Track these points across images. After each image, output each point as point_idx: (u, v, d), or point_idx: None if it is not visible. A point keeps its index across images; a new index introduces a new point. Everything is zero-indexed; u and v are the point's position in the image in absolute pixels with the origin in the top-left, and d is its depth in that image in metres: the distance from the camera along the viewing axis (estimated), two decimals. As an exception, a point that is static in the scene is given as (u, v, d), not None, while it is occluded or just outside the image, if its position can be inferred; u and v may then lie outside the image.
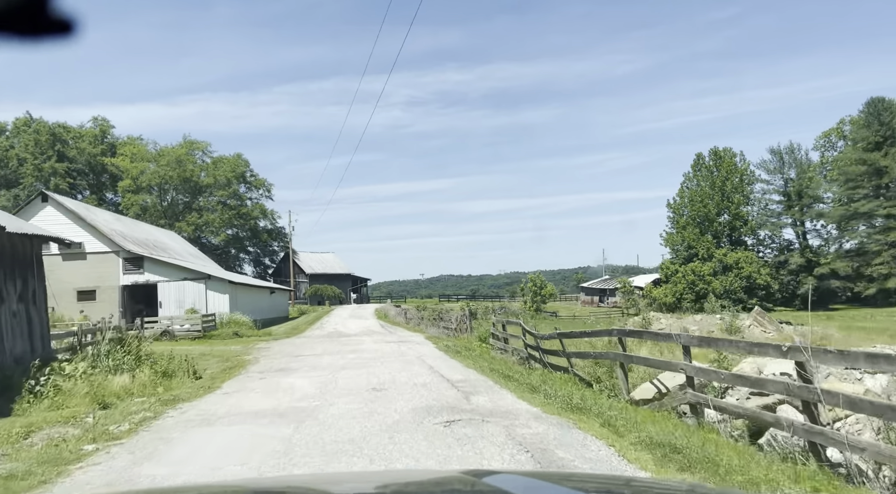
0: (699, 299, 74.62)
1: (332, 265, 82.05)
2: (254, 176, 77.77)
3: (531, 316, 69.43)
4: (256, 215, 75.28)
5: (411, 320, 42.33)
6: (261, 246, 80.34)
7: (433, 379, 12.70)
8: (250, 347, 24.20)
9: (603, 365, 12.30)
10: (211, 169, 72.06)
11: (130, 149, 70.21)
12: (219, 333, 28.92)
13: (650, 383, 9.83)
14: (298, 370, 15.91)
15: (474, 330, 26.48)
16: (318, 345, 23.91)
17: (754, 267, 75.63)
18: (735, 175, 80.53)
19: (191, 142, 73.51)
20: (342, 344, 24.11)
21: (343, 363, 16.94)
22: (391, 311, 50.15)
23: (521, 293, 77.30)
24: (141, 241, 36.44)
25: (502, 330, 20.02)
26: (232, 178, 71.96)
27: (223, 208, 71.13)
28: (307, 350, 22.11)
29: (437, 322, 33.26)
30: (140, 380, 13.87)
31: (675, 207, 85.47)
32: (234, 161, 74.05)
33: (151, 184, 67.92)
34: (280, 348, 23.40)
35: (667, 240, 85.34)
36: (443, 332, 30.38)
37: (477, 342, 22.19)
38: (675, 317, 31.18)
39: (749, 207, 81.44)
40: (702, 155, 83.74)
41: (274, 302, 45.02)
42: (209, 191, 71.21)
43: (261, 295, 41.00)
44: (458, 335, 27.07)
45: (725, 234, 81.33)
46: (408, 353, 19.01)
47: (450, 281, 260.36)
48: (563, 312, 75.54)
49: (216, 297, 33.03)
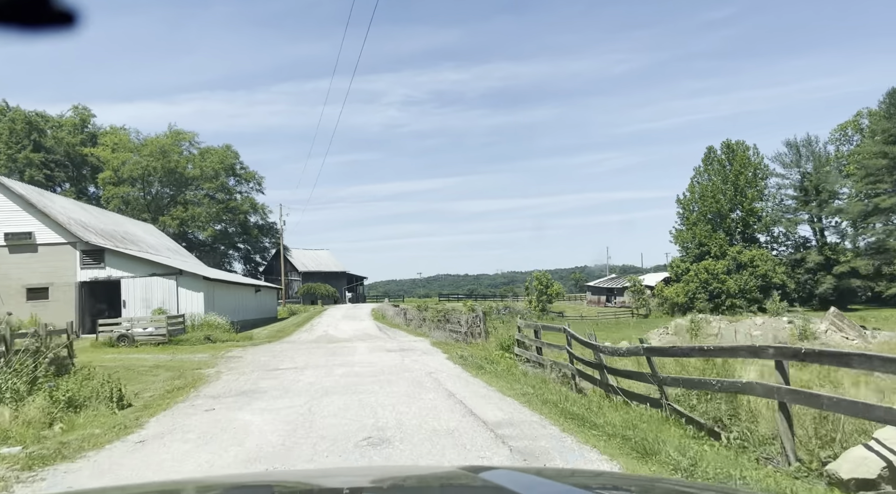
0: (713, 298, 70.46)
1: (326, 263, 77.54)
2: (244, 168, 73.20)
3: (537, 316, 65.07)
4: (246, 209, 70.67)
5: (412, 321, 37.88)
6: (251, 242, 75.76)
7: (460, 420, 8.27)
8: (219, 356, 19.75)
9: (713, 397, 7.92)
10: (198, 160, 67.45)
11: (112, 139, 65.56)
12: (188, 338, 24.44)
13: (865, 447, 5.44)
14: (266, 394, 11.50)
15: (489, 334, 22.09)
16: (302, 354, 19.47)
17: (769, 266, 71.52)
18: (748, 169, 76.40)
19: (177, 132, 68.87)
20: (331, 352, 19.68)
21: (328, 383, 12.52)
22: (389, 311, 45.70)
23: (525, 292, 72.97)
24: (106, 232, 31.90)
25: (534, 338, 15.58)
26: (220, 170, 67.37)
27: (210, 202, 66.54)
28: (286, 361, 17.67)
29: (443, 324, 28.84)
30: (29, 414, 9.46)
31: (685, 203, 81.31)
32: (222, 152, 69.47)
33: (134, 176, 63.26)
34: (254, 357, 18.96)
35: (676, 237, 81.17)
36: (450, 337, 26.00)
37: (497, 350, 17.76)
38: (727, 320, 26.72)
39: (762, 203, 77.31)
40: (713, 148, 79.67)
41: (260, 302, 40.54)
42: (196, 184, 66.59)
43: (244, 294, 36.51)
44: (470, 340, 22.65)
45: (738, 231, 77.18)
46: (414, 368, 14.59)
47: (447, 280, 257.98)
48: (570, 312, 71.18)
49: (189, 296, 28.54)
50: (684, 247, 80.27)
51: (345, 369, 14.80)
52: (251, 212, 72.44)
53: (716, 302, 70.26)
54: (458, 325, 26.49)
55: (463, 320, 24.86)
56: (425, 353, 18.37)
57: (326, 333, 29.41)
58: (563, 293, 74.98)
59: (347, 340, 24.74)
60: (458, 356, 16.94)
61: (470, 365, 14.74)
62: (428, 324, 33.66)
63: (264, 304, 41.60)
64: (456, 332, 25.90)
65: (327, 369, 14.98)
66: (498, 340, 21.71)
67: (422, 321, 35.91)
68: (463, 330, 24.33)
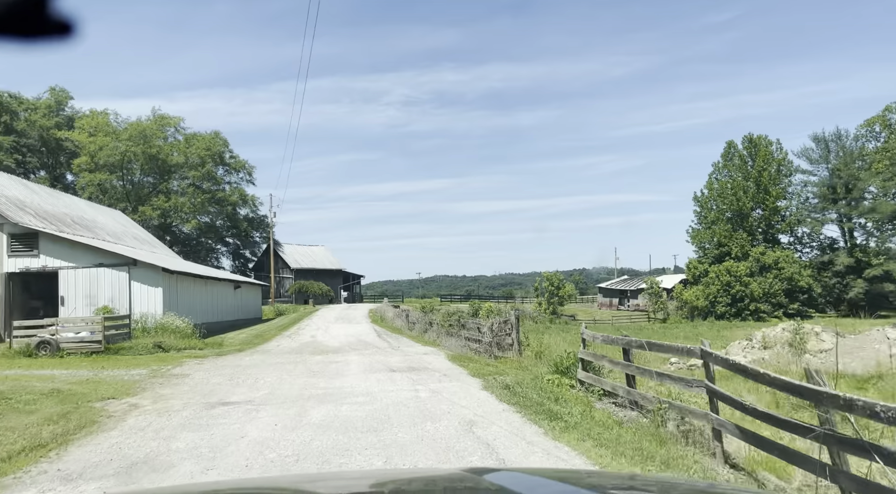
0: (735, 302, 64.94)
1: (321, 259, 71.81)
2: (234, 157, 67.53)
3: (549, 320, 59.60)
4: (235, 201, 64.94)
5: (415, 325, 32.34)
6: (241, 237, 70.06)
7: None
8: (160, 374, 14.15)
9: None
10: (182, 147, 61.76)
11: (89, 122, 59.79)
12: (132, 345, 18.81)
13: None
14: (167, 473, 5.95)
15: (525, 348, 16.51)
16: (273, 373, 13.90)
17: (795, 268, 66.05)
18: (772, 165, 70.94)
19: (161, 117, 63.18)
20: (313, 371, 14.07)
21: (291, 448, 6.95)
22: (388, 312, 40.11)
23: (535, 293, 67.35)
24: (51, 215, 26.25)
25: (624, 360, 9.89)
26: (206, 158, 61.66)
27: (195, 191, 60.80)
28: (245, 385, 12.09)
29: (456, 330, 23.22)
30: None
31: (703, 201, 75.81)
32: (209, 139, 63.76)
33: (111, 162, 57.51)
34: (205, 377, 13.39)
35: (693, 237, 75.65)
36: (467, 347, 20.49)
37: (551, 374, 12.17)
38: (833, 328, 20.86)
39: (787, 201, 71.87)
40: (733, 143, 74.16)
41: (241, 301, 34.93)
42: (180, 173, 60.88)
43: (219, 291, 30.88)
44: (497, 354, 17.06)
45: (760, 231, 71.74)
46: (438, 410, 8.97)
47: (444, 281, 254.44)
48: (582, 315, 65.67)
49: (145, 292, 22.92)
50: (701, 247, 74.79)
51: (326, 408, 9.22)
52: (240, 203, 66.77)
53: (738, 306, 64.76)
54: (476, 332, 20.95)
55: (486, 327, 19.26)
56: (446, 376, 12.77)
57: (314, 339, 23.82)
58: (574, 295, 69.39)
59: (338, 351, 19.13)
60: (499, 384, 11.35)
61: (529, 406, 9.14)
62: (436, 330, 28.14)
63: (246, 303, 35.98)
64: (475, 342, 20.38)
65: (299, 407, 9.40)
66: (536, 354, 16.25)
67: (427, 325, 30.36)
68: (486, 340, 18.76)
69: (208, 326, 26.49)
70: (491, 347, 18.60)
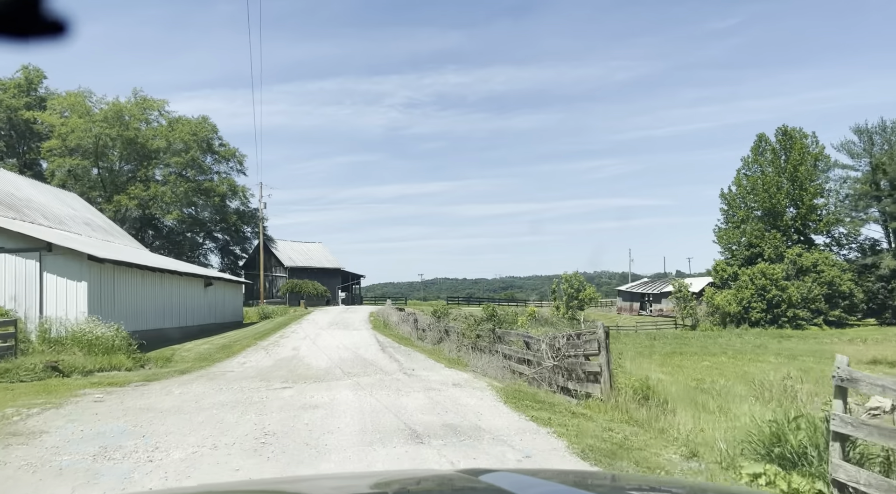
0: (771, 308, 58.48)
1: (317, 257, 65.28)
2: (223, 145, 61.09)
3: (569, 326, 53.23)
4: (224, 192, 58.40)
5: (426, 333, 25.97)
6: (230, 232, 63.57)
7: None
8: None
9: None
10: (165, 131, 55.34)
11: (62, 103, 53.41)
12: (14, 366, 12.34)
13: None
14: None
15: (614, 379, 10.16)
16: (191, 434, 7.45)
17: (836, 272, 59.68)
18: (808, 159, 64.63)
19: (143, 99, 56.79)
20: (265, 433, 7.57)
21: None
22: (392, 316, 33.65)
23: (552, 295, 60.88)
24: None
25: None
26: (192, 143, 55.22)
27: (178, 180, 54.34)
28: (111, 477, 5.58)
29: (490, 344, 16.79)
30: None
31: (731, 198, 69.48)
32: (196, 124, 57.31)
33: (83, 145, 51.06)
34: (59, 443, 6.95)
35: (720, 237, 69.31)
36: (508, 370, 14.16)
37: (745, 460, 5.79)
38: None
39: (824, 198, 65.55)
40: (765, 136, 67.88)
41: (216, 301, 28.53)
42: (160, 159, 54.41)
43: (181, 289, 24.45)
44: (572, 388, 10.68)
45: (794, 230, 65.39)
46: None
47: (445, 284, 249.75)
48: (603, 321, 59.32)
49: (63, 287, 16.51)
50: (728, 249, 68.47)
51: None
52: (230, 195, 60.25)
53: (774, 312, 58.32)
54: (522, 349, 14.62)
55: (544, 343, 12.82)
56: (526, 454, 6.29)
57: (295, 354, 17.37)
58: (596, 298, 62.81)
59: (323, 377, 12.64)
60: None
61: None
62: (455, 340, 21.74)
63: (221, 304, 29.56)
64: (522, 363, 14.06)
65: None
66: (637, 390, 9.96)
67: (442, 333, 23.95)
68: (547, 364, 12.34)
69: (162, 334, 20.10)
70: (555, 375, 12.19)
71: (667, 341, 41.93)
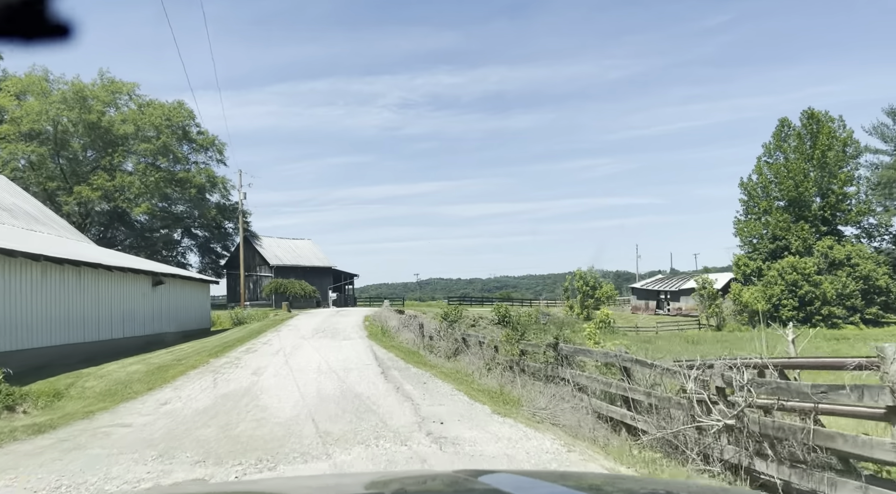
0: (804, 305, 52.93)
1: (306, 255, 59.17)
2: (202, 132, 54.93)
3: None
4: (201, 183, 52.22)
5: (436, 342, 20.04)
6: (211, 228, 57.42)
7: None
8: None
9: None
10: (134, 115, 49.14)
11: (16, 84, 47.13)
12: None
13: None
14: None
15: None
16: None
17: (871, 265, 54.23)
18: (837, 144, 59.20)
19: (111, 81, 50.54)
20: None
21: None
22: (391, 320, 27.75)
23: (564, 294, 55.06)
24: None
25: None
26: (164, 128, 49.06)
27: (147, 168, 48.16)
28: None
29: (549, 367, 10.93)
30: None
31: (751, 188, 63.96)
32: (170, 108, 51.18)
33: (40, 130, 44.83)
34: None
35: (740, 230, 63.76)
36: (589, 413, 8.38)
37: None
38: None
39: (853, 187, 60.14)
40: (788, 121, 62.38)
41: (169, 304, 22.54)
42: (127, 145, 48.19)
43: (118, 288, 18.44)
44: (799, 481, 4.96)
45: (821, 221, 59.93)
46: None
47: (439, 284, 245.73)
48: (619, 322, 53.46)
49: None
50: (749, 242, 62.94)
51: None
52: (209, 187, 54.09)
53: (807, 310, 52.77)
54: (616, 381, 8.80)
55: (691, 382, 6.93)
56: None
57: (252, 384, 11.42)
58: (614, 295, 56.97)
59: (279, 444, 6.69)
60: None
61: None
62: (477, 352, 15.96)
63: (180, 308, 23.57)
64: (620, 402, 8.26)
65: None
66: None
67: (459, 343, 18.10)
68: (709, 422, 6.45)
69: (75, 352, 14.15)
70: (721, 442, 6.34)
71: (708, 345, 36.24)
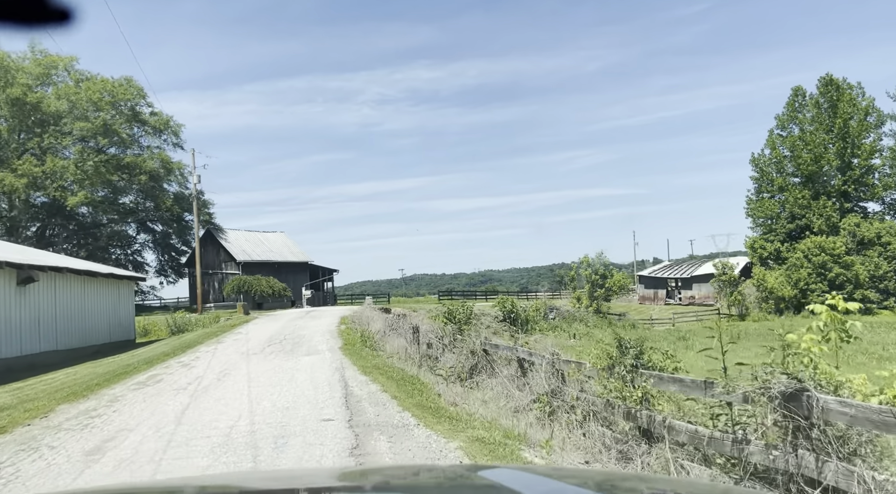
0: (835, 290, 47.07)
1: (278, 250, 52.04)
2: (155, 113, 47.43)
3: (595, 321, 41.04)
4: (153, 169, 44.79)
5: (441, 354, 13.25)
6: (168, 221, 50.02)
7: None
8: None
9: None
10: (70, 90, 41.66)
11: (-74, 55, 39.44)
12: None
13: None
14: None
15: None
16: None
17: (903, 243, 48.54)
18: (858, 114, 53.43)
19: (44, 54, 42.99)
20: None
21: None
22: (375, 322, 20.85)
23: (570, 285, 48.70)
24: None
25: None
26: (105, 106, 41.65)
27: (88, 152, 40.74)
28: None
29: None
30: None
31: (763, 164, 58.03)
32: (114, 84, 43.73)
33: (-50, 107, 37.29)
34: None
35: (754, 210, 57.81)
36: None
37: None
38: None
39: (879, 159, 54.46)
40: (801, 89, 56.40)
41: (56, 310, 15.54)
42: (60, 126, 40.68)
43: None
44: None
45: (844, 197, 54.18)
46: None
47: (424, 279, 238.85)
48: (631, 313, 47.14)
49: None
50: (764, 223, 57.08)
51: None
52: (163, 175, 46.70)
53: (834, 294, 46.89)
54: None
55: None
56: None
57: None
58: (626, 285, 50.66)
59: None
60: None
61: None
62: (507, 375, 9.00)
63: (78, 315, 16.55)
64: None
65: None
66: None
67: (479, 358, 11.32)
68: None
69: None
70: None
71: (752, 339, 29.93)
